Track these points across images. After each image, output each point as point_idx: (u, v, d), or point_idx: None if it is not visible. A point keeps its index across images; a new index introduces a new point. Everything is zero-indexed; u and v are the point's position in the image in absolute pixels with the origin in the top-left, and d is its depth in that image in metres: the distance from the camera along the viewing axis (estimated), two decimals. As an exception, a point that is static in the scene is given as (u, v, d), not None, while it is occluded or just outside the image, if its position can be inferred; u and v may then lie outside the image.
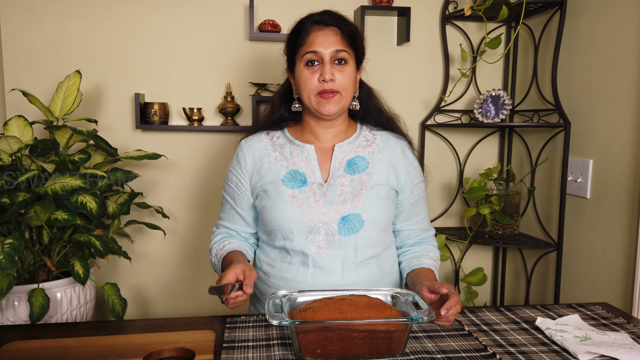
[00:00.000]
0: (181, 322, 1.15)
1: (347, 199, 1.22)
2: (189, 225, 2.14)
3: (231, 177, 1.33)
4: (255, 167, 1.29)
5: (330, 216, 1.21)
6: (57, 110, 1.71)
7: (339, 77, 1.21)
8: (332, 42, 1.20)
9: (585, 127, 1.81)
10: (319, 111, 1.23)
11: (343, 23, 1.23)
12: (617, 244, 1.65)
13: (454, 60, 2.19)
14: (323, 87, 1.20)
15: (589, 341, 1.00)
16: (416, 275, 1.25)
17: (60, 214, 1.56)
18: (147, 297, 2.15)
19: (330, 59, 1.20)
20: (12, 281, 1.44)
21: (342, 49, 1.21)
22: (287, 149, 1.29)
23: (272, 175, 1.26)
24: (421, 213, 1.36)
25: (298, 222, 1.21)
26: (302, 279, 1.22)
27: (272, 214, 1.23)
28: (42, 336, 1.07)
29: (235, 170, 1.31)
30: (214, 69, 2.06)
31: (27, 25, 1.94)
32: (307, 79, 1.22)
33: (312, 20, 1.23)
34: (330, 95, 1.21)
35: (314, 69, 1.21)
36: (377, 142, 1.32)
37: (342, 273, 1.22)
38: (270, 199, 1.24)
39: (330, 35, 1.21)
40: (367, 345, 0.92)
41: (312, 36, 1.21)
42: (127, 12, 1.99)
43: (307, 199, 1.22)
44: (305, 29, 1.23)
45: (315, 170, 1.26)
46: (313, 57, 1.20)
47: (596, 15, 1.75)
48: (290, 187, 1.23)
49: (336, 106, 1.22)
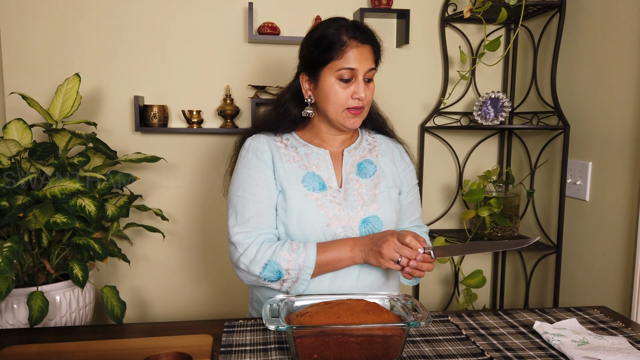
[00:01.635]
0: (179, 325, 1.15)
1: (365, 202, 1.25)
2: (188, 227, 2.14)
3: (253, 175, 1.22)
4: (274, 162, 1.25)
5: (351, 220, 1.22)
6: (57, 113, 1.72)
7: (368, 94, 1.23)
8: (367, 60, 1.21)
9: (584, 130, 1.81)
10: (344, 124, 1.24)
11: (375, 41, 1.24)
12: (617, 246, 1.65)
13: (453, 63, 2.19)
14: (355, 104, 1.22)
15: (587, 345, 1.00)
16: None
17: (59, 217, 1.56)
18: (146, 300, 2.15)
19: (364, 77, 1.22)
20: (11, 284, 1.44)
21: (374, 67, 1.24)
22: (301, 151, 1.28)
23: (291, 176, 1.23)
24: (415, 214, 1.39)
25: (323, 227, 1.20)
26: (319, 282, 1.21)
27: (296, 218, 1.20)
28: (40, 340, 1.07)
29: (256, 166, 1.23)
30: (213, 71, 2.06)
31: (26, 28, 1.94)
32: (338, 93, 1.21)
33: (349, 35, 1.20)
34: (359, 111, 1.23)
35: (347, 85, 1.21)
36: (378, 146, 1.36)
37: (358, 277, 1.23)
38: (293, 201, 1.20)
39: (366, 53, 1.21)
40: (365, 350, 0.92)
41: (349, 52, 1.19)
42: (126, 15, 1.99)
43: (329, 202, 1.22)
44: (341, 43, 1.19)
45: (331, 174, 1.27)
46: (348, 73, 1.20)
47: (595, 18, 1.75)
48: (312, 190, 1.22)
49: (361, 120, 1.26)
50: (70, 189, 1.55)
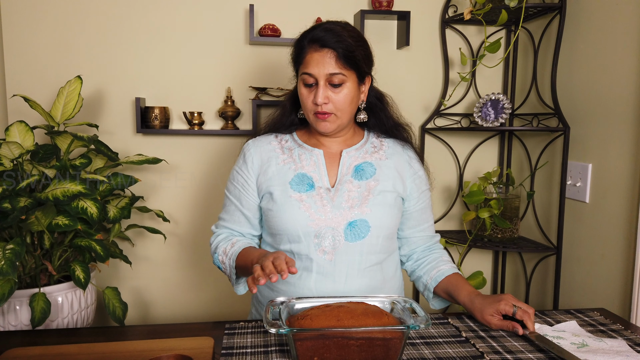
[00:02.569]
0: (180, 327, 1.16)
1: (354, 205, 1.22)
2: (190, 228, 2.15)
3: (237, 177, 1.31)
4: (262, 168, 1.28)
5: (337, 221, 1.20)
6: (58, 115, 1.72)
7: (334, 98, 1.20)
8: (326, 65, 1.18)
9: (584, 131, 1.81)
10: (317, 129, 1.25)
11: (339, 43, 1.17)
12: (616, 248, 1.65)
13: (453, 64, 2.19)
14: (316, 110, 1.21)
15: (586, 348, 1.01)
16: (450, 284, 1.26)
17: (61, 219, 1.57)
18: (148, 301, 2.16)
19: (325, 81, 1.19)
20: (14, 286, 1.45)
21: (336, 72, 1.18)
22: (295, 152, 1.29)
23: (279, 177, 1.25)
24: (428, 221, 1.36)
25: (305, 227, 1.20)
26: (305, 284, 1.21)
27: (279, 218, 1.22)
28: (42, 342, 1.08)
29: (242, 169, 1.30)
30: (214, 73, 2.07)
31: (28, 31, 1.95)
32: (304, 98, 1.23)
33: (309, 39, 1.20)
34: (325, 116, 1.21)
35: (310, 90, 1.21)
36: (384, 149, 1.33)
37: (346, 280, 1.22)
38: (277, 202, 1.23)
39: (325, 58, 1.18)
40: (365, 352, 0.93)
41: (307, 57, 1.20)
42: (128, 17, 1.99)
43: (314, 203, 1.21)
44: (303, 48, 1.21)
45: (323, 174, 1.26)
46: (308, 78, 1.20)
47: (595, 19, 1.75)
48: (298, 191, 1.22)
49: (332, 125, 1.23)
50: (72, 191, 1.56)
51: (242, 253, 1.20)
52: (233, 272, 1.22)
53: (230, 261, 1.22)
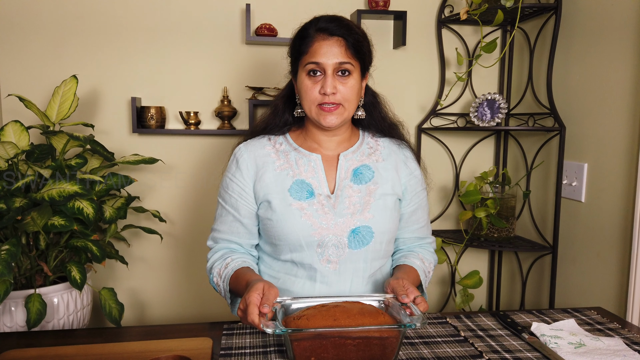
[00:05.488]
0: (178, 328, 1.16)
1: (356, 211, 1.19)
2: (186, 229, 2.14)
3: (231, 185, 1.24)
4: (257, 174, 1.22)
5: (340, 229, 1.17)
6: (54, 115, 1.72)
7: (341, 89, 1.16)
8: (335, 53, 1.15)
9: (580, 131, 1.82)
10: (320, 122, 1.18)
11: (348, 32, 1.16)
12: (612, 247, 1.66)
13: (449, 64, 2.20)
14: (324, 100, 1.16)
15: (583, 348, 1.01)
16: (396, 269, 1.23)
17: (57, 220, 1.56)
18: (144, 301, 2.15)
19: (333, 71, 1.15)
20: (9, 287, 1.44)
21: (345, 61, 1.15)
22: (291, 157, 1.23)
23: (277, 185, 1.20)
24: (419, 222, 1.31)
25: (308, 236, 1.16)
26: (308, 293, 1.19)
27: (280, 227, 1.17)
28: (39, 344, 1.07)
29: (236, 177, 1.23)
30: (210, 72, 2.07)
31: (23, 30, 1.94)
32: (308, 89, 1.17)
33: (316, 28, 1.17)
34: (332, 107, 1.16)
35: (315, 80, 1.16)
36: (380, 150, 1.29)
37: (351, 288, 1.20)
38: (277, 211, 1.18)
39: (335, 46, 1.15)
40: (361, 352, 0.93)
41: (315, 45, 1.16)
42: (124, 16, 1.99)
43: (315, 211, 1.17)
44: (310, 37, 1.17)
45: (322, 181, 1.21)
46: (315, 67, 1.15)
47: (591, 20, 1.76)
48: (298, 199, 1.18)
49: (338, 118, 1.18)
50: (68, 191, 1.55)
51: (234, 276, 1.15)
52: (227, 295, 1.18)
53: (224, 284, 1.18)
